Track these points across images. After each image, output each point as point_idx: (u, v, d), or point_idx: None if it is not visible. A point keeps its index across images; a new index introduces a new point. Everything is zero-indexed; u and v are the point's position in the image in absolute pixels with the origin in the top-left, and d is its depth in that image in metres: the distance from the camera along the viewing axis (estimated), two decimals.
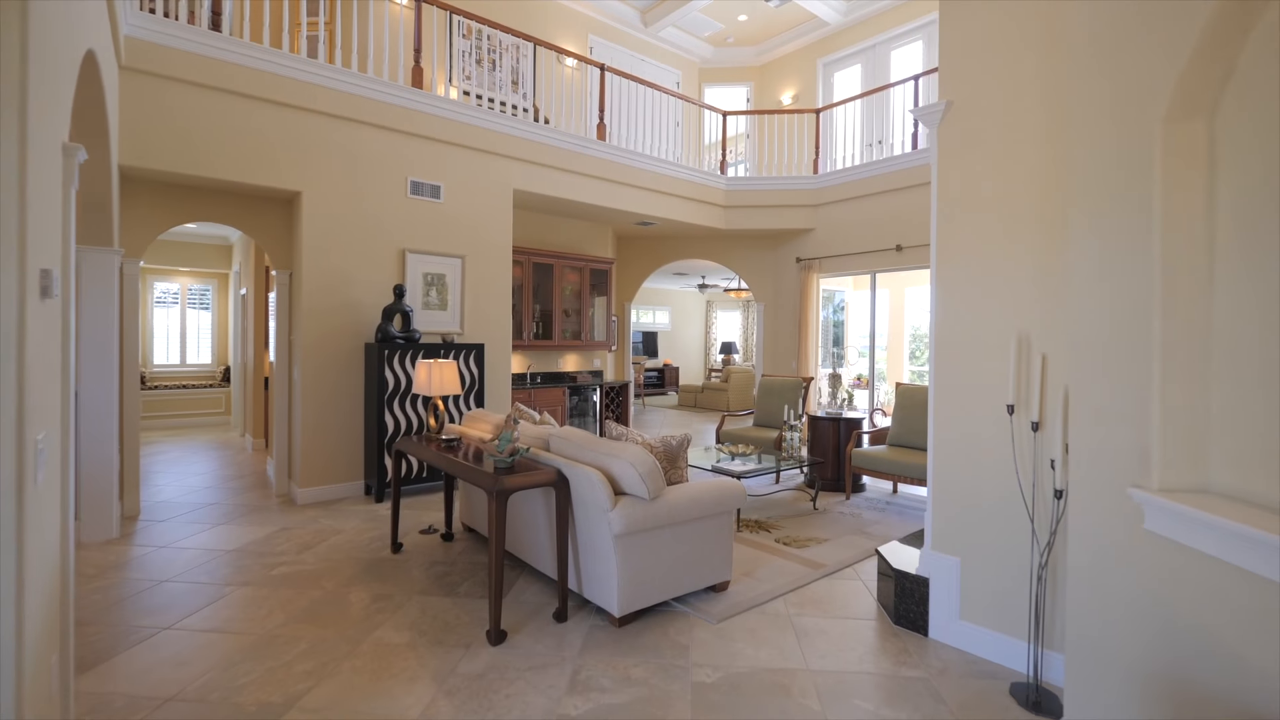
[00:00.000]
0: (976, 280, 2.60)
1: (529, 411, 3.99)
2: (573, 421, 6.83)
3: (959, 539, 2.64)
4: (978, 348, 2.60)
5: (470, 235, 5.62)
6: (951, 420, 2.68)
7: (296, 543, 3.88)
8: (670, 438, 3.03)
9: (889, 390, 11.03)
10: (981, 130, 2.60)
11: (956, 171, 2.67)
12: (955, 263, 2.67)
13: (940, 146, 2.73)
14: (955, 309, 2.68)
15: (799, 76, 9.28)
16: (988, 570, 2.55)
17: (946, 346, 2.71)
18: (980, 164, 2.60)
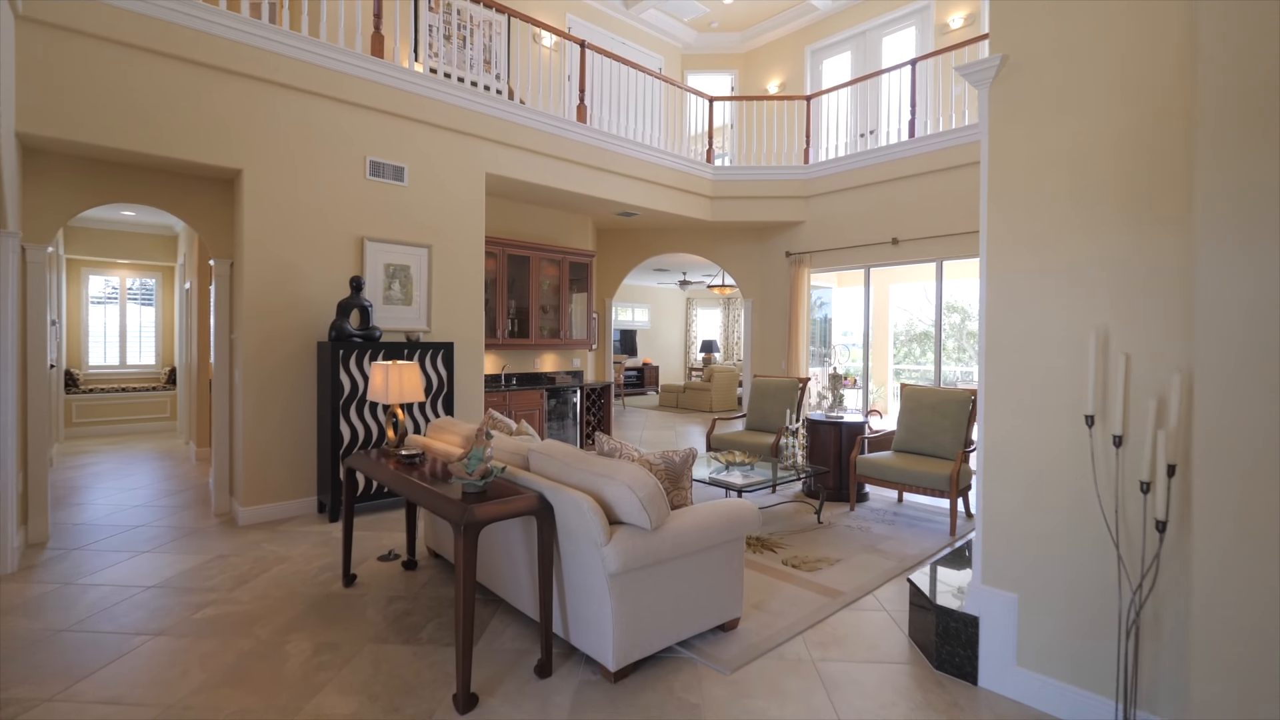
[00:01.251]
0: (1038, 270, 2.20)
1: (504, 420, 3.50)
2: (551, 426, 6.34)
3: (1016, 572, 2.25)
4: (1040, 348, 2.20)
5: (438, 223, 5.09)
6: (1006, 432, 2.28)
7: (232, 575, 3.32)
8: (672, 454, 2.58)
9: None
10: (1044, 90, 2.20)
11: (1013, 141, 2.27)
12: (1011, 250, 2.27)
13: (992, 111, 2.33)
14: (1011, 304, 2.28)
15: (786, 64, 8.92)
16: (1054, 610, 2.15)
17: (1000, 347, 2.31)
18: (1043, 131, 2.20)
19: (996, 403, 2.32)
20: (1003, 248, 2.29)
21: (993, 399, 2.33)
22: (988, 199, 2.33)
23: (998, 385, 2.32)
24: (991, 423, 2.33)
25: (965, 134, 6.04)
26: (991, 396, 2.33)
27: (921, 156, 6.40)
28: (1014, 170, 2.27)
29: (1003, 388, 2.30)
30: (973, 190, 6.05)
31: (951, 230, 6.23)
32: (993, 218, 2.32)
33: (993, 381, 2.33)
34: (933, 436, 4.62)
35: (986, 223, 2.33)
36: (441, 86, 4.99)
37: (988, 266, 2.34)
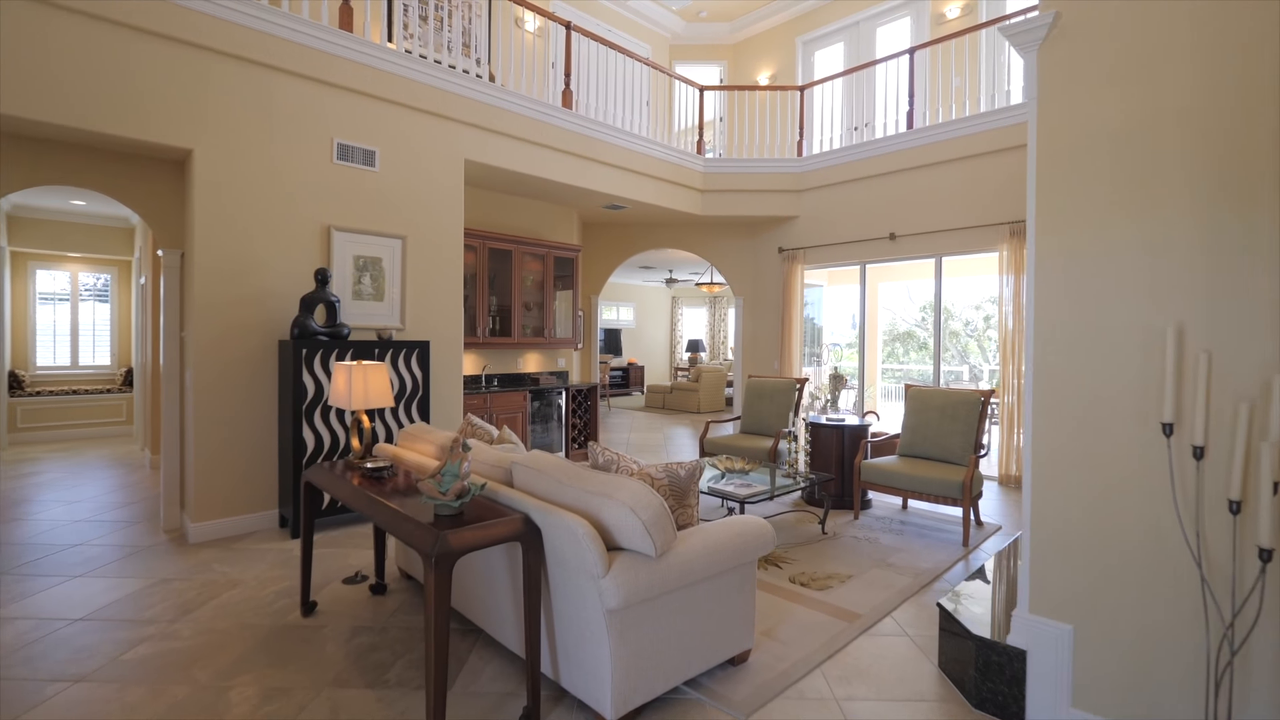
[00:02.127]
0: (1099, 257, 1.93)
1: (484, 426, 3.16)
2: (535, 429, 6.00)
3: (1072, 601, 1.98)
4: (1101, 346, 1.93)
5: (413, 212, 4.72)
6: (1060, 444, 2.01)
7: (175, 603, 2.94)
8: (676, 466, 2.27)
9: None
10: (1105, 51, 1.93)
11: (1067, 110, 2.00)
12: (1066, 234, 2.00)
13: (1042, 77, 2.05)
14: (1066, 295, 2.00)
15: (776, 55, 8.67)
16: (1118, 645, 1.89)
17: (1052, 345, 2.04)
18: (1104, 98, 1.93)
19: (1048, 410, 2.04)
20: (1055, 232, 2.02)
21: (1043, 405, 2.05)
22: (1036, 177, 2.06)
23: (1049, 390, 2.04)
24: (1041, 433, 2.06)
25: (965, 125, 5.83)
26: (1042, 403, 2.06)
27: (920, 149, 6.18)
28: (1069, 143, 1.99)
29: (1055, 393, 2.03)
30: (974, 184, 5.84)
31: (952, 225, 6.01)
32: (1043, 198, 2.05)
33: (1043, 386, 2.06)
34: (940, 440, 4.38)
35: (1035, 204, 2.06)
36: (416, 65, 4.62)
37: (1037, 254, 2.06)
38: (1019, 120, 5.52)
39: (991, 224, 5.73)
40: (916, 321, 13.25)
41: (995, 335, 13.61)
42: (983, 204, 5.80)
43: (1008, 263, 5.61)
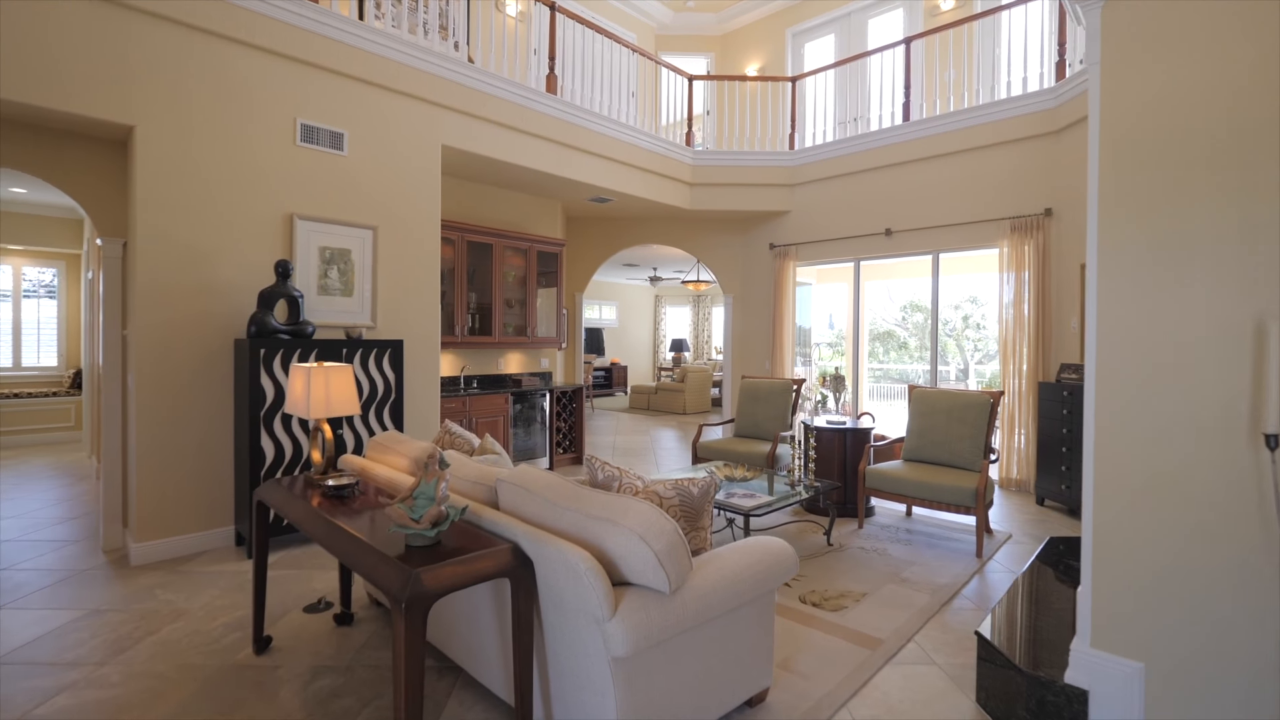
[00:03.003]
0: (1175, 247, 1.69)
1: (463, 434, 2.84)
2: (517, 434, 5.66)
3: (1143, 635, 1.73)
4: (1179, 348, 1.69)
5: (385, 200, 4.36)
6: (1129, 457, 1.77)
7: (108, 639, 2.57)
8: (689, 484, 1.98)
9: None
10: (1181, 6, 1.69)
11: (1139, 77, 1.75)
12: (1137, 220, 1.76)
13: (1106, 39, 1.81)
14: (1136, 291, 1.76)
15: (765, 47, 8.44)
16: (1201, 688, 1.65)
17: (1121, 348, 1.80)
18: (1181, 64, 1.69)
19: (1113, 418, 1.80)
20: (1123, 217, 1.77)
21: (1107, 416, 1.81)
22: (1099, 155, 1.81)
23: (1113, 398, 1.80)
24: (1106, 445, 1.81)
25: (964, 117, 5.64)
26: (1105, 413, 1.81)
27: (918, 142, 5.98)
28: (1138, 120, 1.75)
29: (1120, 402, 1.79)
30: (974, 178, 5.66)
31: (950, 221, 5.83)
32: (1107, 180, 1.80)
33: (1106, 394, 1.81)
34: (949, 445, 4.16)
35: (1098, 186, 1.81)
36: (390, 42, 4.26)
37: (1100, 244, 1.82)
38: (1020, 112, 5.35)
39: (992, 219, 5.56)
40: (897, 321, 13.19)
41: (973, 335, 13.64)
42: (983, 199, 5.62)
43: (1008, 259, 5.43)
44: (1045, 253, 5.24)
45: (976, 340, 13.86)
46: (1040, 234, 5.24)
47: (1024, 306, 5.32)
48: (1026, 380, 5.30)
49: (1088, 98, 1.86)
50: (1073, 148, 5.00)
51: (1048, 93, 5.18)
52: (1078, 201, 4.97)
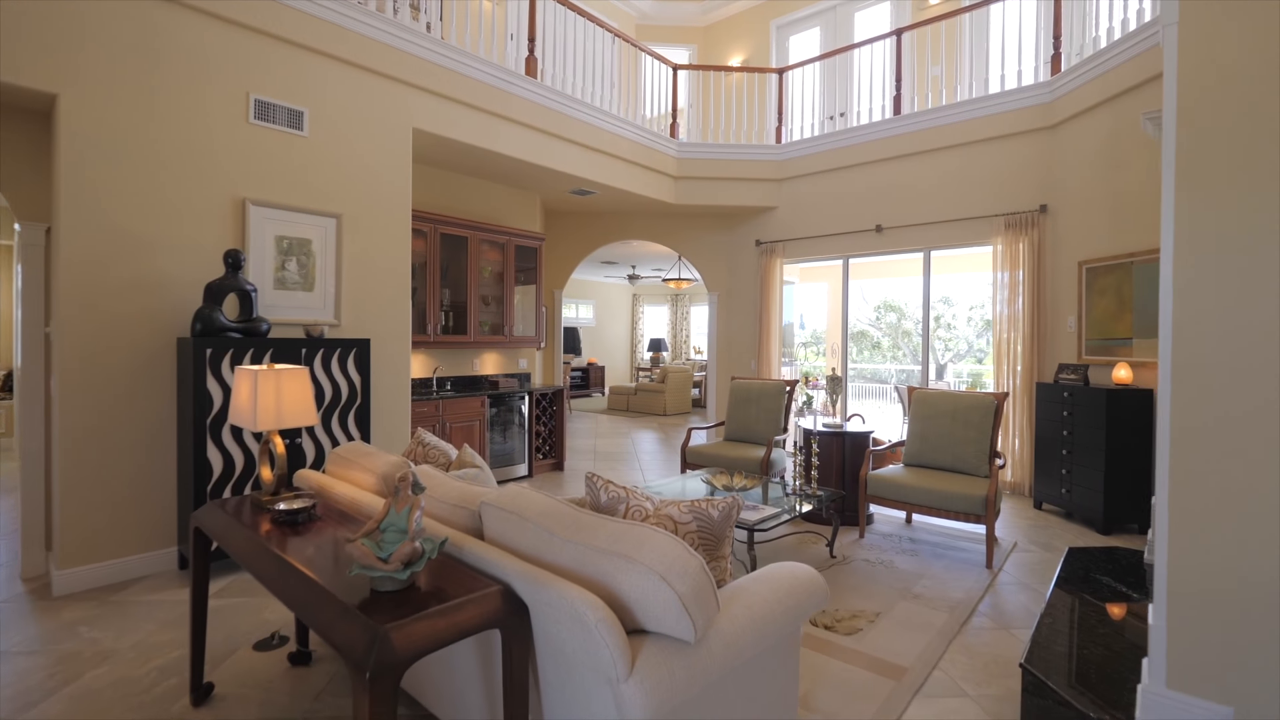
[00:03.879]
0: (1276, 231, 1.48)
1: (438, 445, 2.52)
2: (494, 439, 5.32)
3: (1232, 674, 1.52)
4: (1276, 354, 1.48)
5: (350, 186, 3.99)
6: (1214, 467, 1.55)
7: (14, 690, 2.18)
8: (708, 506, 1.70)
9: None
10: None
11: (1231, 33, 1.54)
12: (1223, 205, 1.54)
13: None
14: (1222, 280, 1.54)
15: (749, 39, 8.23)
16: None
17: (1203, 345, 1.58)
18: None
19: (1193, 426, 1.58)
20: (1206, 205, 1.56)
21: (1187, 426, 1.59)
22: (1177, 132, 1.59)
23: (1196, 401, 1.58)
24: (1185, 461, 1.59)
25: (956, 111, 5.50)
26: (1184, 423, 1.59)
27: (908, 136, 5.82)
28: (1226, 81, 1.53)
29: (1203, 406, 1.57)
30: (966, 173, 5.52)
31: (943, 217, 5.68)
32: (1186, 160, 1.58)
33: (1186, 401, 1.59)
34: (953, 449, 3.97)
35: (1175, 170, 1.59)
36: (354, 13, 3.90)
37: (1178, 237, 1.60)
38: (1014, 106, 5.22)
39: (985, 216, 5.42)
40: (870, 321, 13.20)
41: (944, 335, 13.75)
42: (976, 195, 5.48)
43: (1002, 257, 5.30)
44: (1040, 250, 5.12)
45: (947, 340, 13.99)
46: (1035, 231, 5.11)
47: (1018, 305, 5.19)
48: (1021, 381, 5.18)
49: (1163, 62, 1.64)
50: (1069, 143, 4.89)
51: (1042, 86, 5.06)
52: (1073, 198, 4.85)
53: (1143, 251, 4.23)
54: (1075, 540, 4.02)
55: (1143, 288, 4.26)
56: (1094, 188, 4.65)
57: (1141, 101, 4.18)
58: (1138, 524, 4.18)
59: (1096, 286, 4.64)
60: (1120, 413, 4.14)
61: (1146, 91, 4.13)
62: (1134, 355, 4.32)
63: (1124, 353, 4.41)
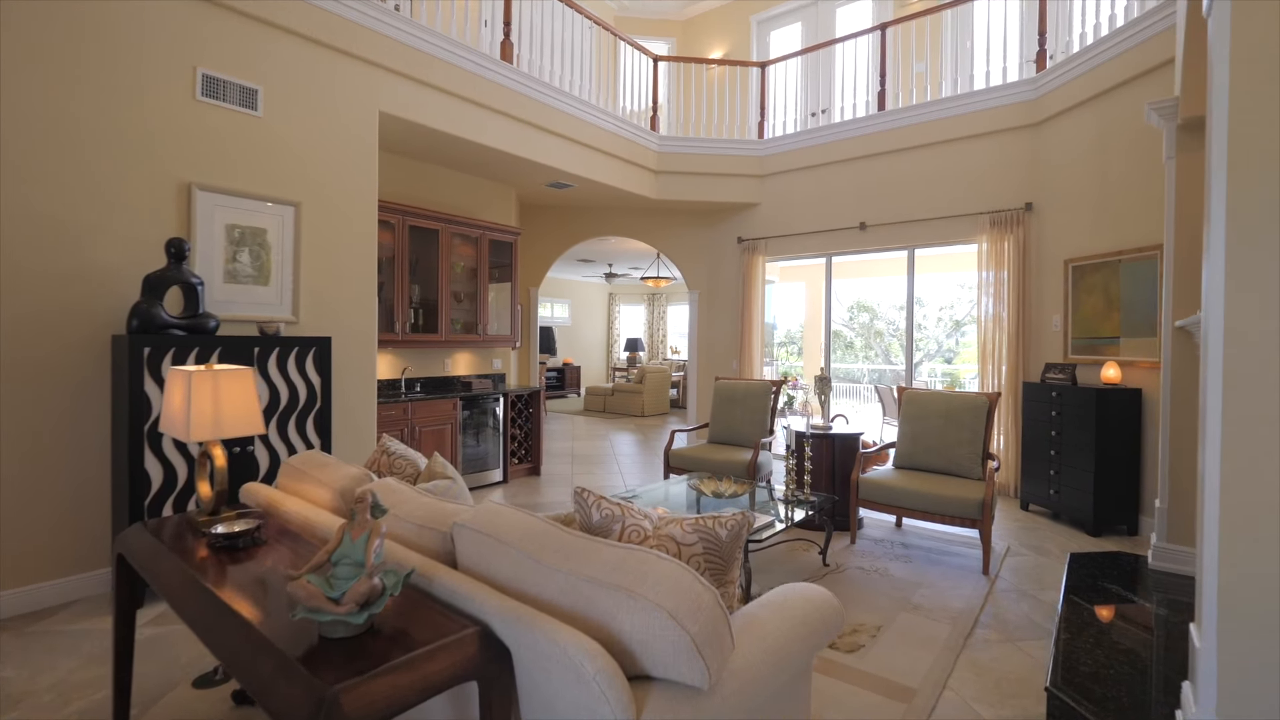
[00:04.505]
0: None
1: (405, 454, 2.27)
2: (466, 444, 5.05)
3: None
4: None
5: (310, 172, 3.69)
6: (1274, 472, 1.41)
7: None
8: (714, 524, 1.50)
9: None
10: None
11: None
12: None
13: None
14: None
15: (729, 34, 8.10)
16: None
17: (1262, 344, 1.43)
18: None
19: (1245, 438, 1.44)
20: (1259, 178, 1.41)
21: (1242, 422, 1.45)
22: (1230, 96, 1.44)
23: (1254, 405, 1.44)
24: (1240, 463, 1.45)
25: (940, 108, 5.42)
26: (1238, 419, 1.45)
27: (893, 132, 5.73)
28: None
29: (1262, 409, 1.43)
30: (951, 170, 5.45)
31: (927, 215, 5.60)
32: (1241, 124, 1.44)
33: (1241, 398, 1.45)
34: (946, 451, 3.86)
35: (1228, 138, 1.45)
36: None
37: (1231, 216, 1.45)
38: (999, 103, 5.15)
39: (970, 214, 5.36)
40: (844, 321, 13.24)
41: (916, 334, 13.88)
42: (961, 192, 5.42)
43: (987, 256, 5.24)
44: (1025, 248, 5.06)
45: (918, 340, 14.12)
46: (1020, 229, 5.06)
47: (1004, 304, 5.13)
48: (1007, 380, 5.11)
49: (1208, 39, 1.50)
50: (1054, 140, 4.84)
51: (1027, 83, 5.01)
52: (1059, 196, 4.80)
53: (1130, 249, 4.18)
54: (1066, 543, 3.94)
55: (1130, 286, 4.21)
56: (1080, 185, 4.60)
57: (1129, 98, 4.13)
58: (1126, 525, 4.13)
59: (1083, 285, 4.59)
60: (1110, 413, 4.08)
61: (1135, 88, 4.08)
62: (1121, 354, 4.28)
63: (1111, 352, 4.36)
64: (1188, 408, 2.71)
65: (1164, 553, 2.73)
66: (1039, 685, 2.26)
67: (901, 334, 14.31)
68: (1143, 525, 4.10)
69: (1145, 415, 4.11)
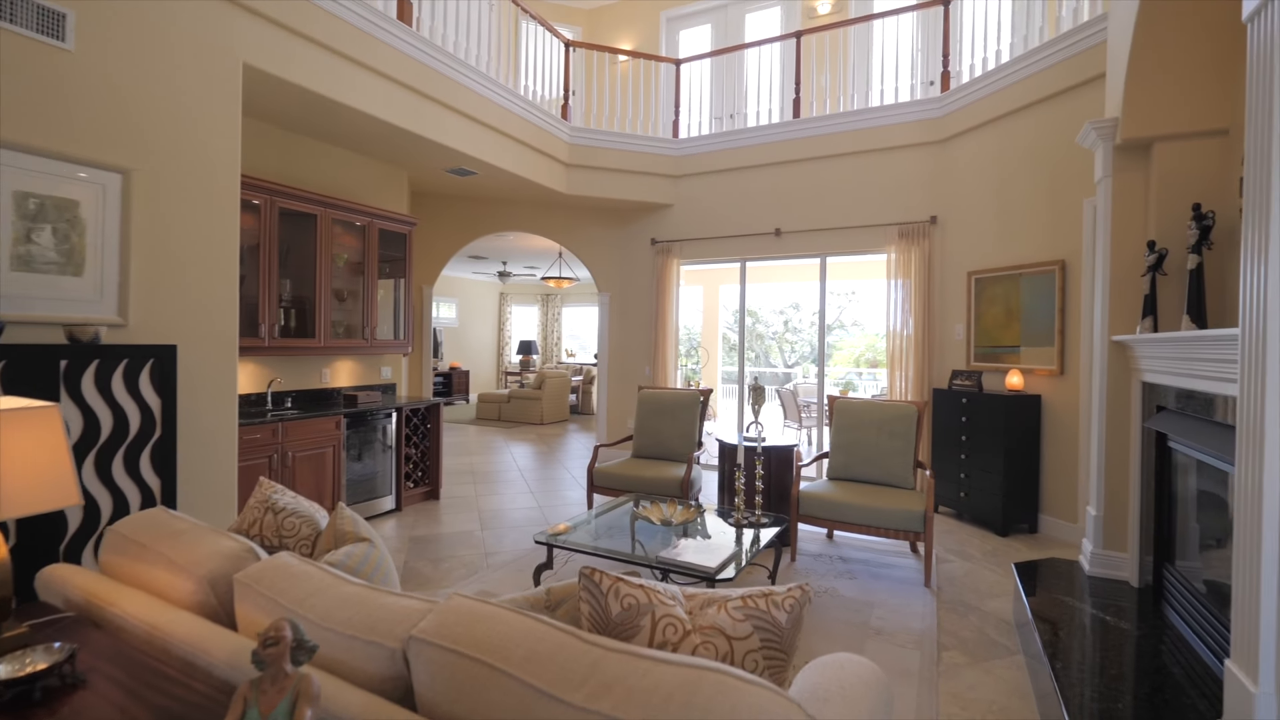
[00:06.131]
0: None
1: (300, 508, 1.70)
2: (352, 468, 4.30)
3: None
4: None
5: (147, 131, 2.85)
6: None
7: None
8: (767, 603, 1.15)
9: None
10: None
11: None
12: None
13: None
14: None
15: (638, 29, 7.83)
16: None
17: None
18: None
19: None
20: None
21: None
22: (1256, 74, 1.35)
23: None
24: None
25: (852, 119, 5.52)
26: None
27: (807, 140, 5.76)
28: None
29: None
30: (863, 181, 5.56)
31: (840, 224, 5.68)
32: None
33: None
34: (880, 461, 3.83)
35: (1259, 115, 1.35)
36: None
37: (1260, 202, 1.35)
38: (908, 119, 5.33)
39: (880, 224, 5.49)
40: (728, 325, 13.63)
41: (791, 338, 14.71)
42: (872, 203, 5.54)
43: (896, 265, 5.40)
44: (930, 260, 5.27)
45: (794, 343, 14.94)
46: (926, 241, 5.26)
47: (910, 313, 5.31)
48: (913, 386, 5.29)
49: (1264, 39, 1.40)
50: (959, 157, 5.07)
51: (933, 101, 5.21)
52: (963, 210, 5.03)
53: (1030, 264, 4.44)
54: (982, 544, 4.08)
55: (1030, 298, 4.47)
56: (983, 201, 4.84)
57: (1030, 121, 4.39)
58: (1028, 524, 4.37)
59: (985, 296, 4.83)
60: (1016, 419, 4.29)
61: (1036, 112, 4.34)
62: (1022, 363, 4.53)
63: (1012, 360, 4.62)
64: (1121, 418, 2.81)
65: (1100, 559, 2.81)
66: (1023, 714, 2.18)
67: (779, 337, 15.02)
68: (1041, 524, 4.36)
69: (1044, 421, 4.37)
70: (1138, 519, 2.70)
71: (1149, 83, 2.53)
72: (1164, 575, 2.54)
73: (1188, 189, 2.54)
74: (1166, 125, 2.56)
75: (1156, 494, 2.61)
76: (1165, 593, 2.50)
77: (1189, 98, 2.50)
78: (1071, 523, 4.13)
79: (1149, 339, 2.43)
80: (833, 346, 13.60)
